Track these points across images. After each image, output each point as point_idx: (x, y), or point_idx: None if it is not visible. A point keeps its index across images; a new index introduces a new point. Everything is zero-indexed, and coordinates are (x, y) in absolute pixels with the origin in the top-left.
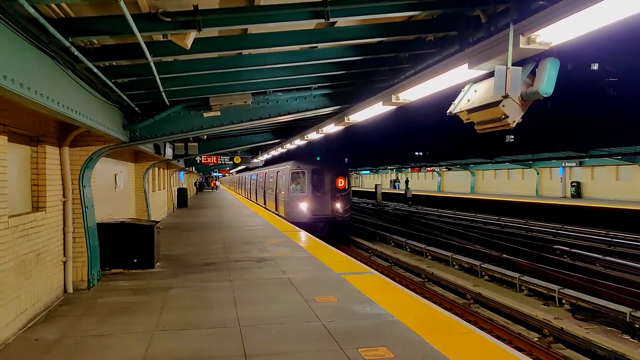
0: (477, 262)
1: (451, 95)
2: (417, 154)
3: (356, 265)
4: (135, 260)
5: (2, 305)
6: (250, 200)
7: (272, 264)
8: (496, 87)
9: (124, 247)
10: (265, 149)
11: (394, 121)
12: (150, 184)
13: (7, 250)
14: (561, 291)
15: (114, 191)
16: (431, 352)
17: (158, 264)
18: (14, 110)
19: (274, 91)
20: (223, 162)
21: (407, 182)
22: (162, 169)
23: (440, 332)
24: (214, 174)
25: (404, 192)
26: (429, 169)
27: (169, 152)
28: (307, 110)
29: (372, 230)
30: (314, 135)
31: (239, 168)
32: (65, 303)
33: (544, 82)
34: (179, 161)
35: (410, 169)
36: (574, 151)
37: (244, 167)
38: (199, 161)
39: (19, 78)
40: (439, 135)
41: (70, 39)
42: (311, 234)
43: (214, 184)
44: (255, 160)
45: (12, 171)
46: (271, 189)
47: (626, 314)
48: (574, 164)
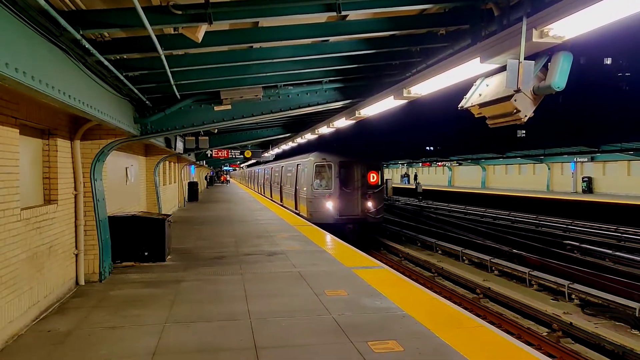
0: (487, 257)
1: (463, 89)
2: (428, 148)
3: (366, 259)
4: (146, 254)
5: (15, 297)
6: (264, 196)
7: (282, 258)
8: (508, 82)
9: (135, 240)
10: (275, 143)
11: (405, 115)
12: (161, 178)
13: (20, 242)
14: (570, 286)
15: (125, 185)
16: (441, 346)
17: (169, 257)
18: (25, 103)
19: (284, 85)
20: (234, 156)
21: (415, 177)
22: (172, 163)
23: (450, 326)
24: (225, 167)
25: (414, 187)
26: (439, 163)
27: (179, 145)
28: (318, 105)
29: (384, 225)
30: (324, 130)
31: (250, 162)
32: (77, 295)
33: (556, 76)
34: (189, 155)
35: (421, 163)
36: (586, 146)
37: (256, 160)
38: (209, 155)
39: (30, 71)
40: (449, 130)
41: (81, 32)
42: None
43: (224, 178)
44: (266, 154)
45: (24, 164)
46: (289, 184)
47: (635, 309)
48: (586, 159)
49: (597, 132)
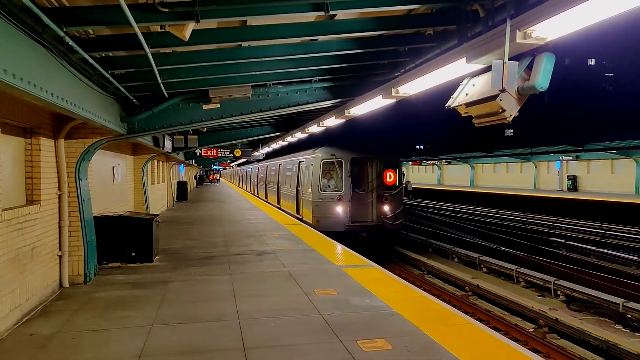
0: (476, 255)
1: (451, 89)
2: (418, 147)
3: (357, 258)
4: (133, 254)
5: None
6: (258, 197)
7: (272, 257)
8: (493, 82)
9: (121, 241)
10: (266, 141)
11: (395, 114)
12: (149, 177)
13: (1, 244)
14: (556, 282)
15: (112, 184)
16: (429, 343)
17: (157, 257)
18: (7, 101)
19: (274, 84)
20: (223, 155)
21: (403, 176)
22: (161, 162)
23: (438, 324)
24: (214, 167)
25: (404, 185)
26: (429, 162)
27: (168, 144)
28: (308, 103)
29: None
30: (315, 129)
31: (241, 160)
32: (61, 297)
33: (539, 76)
34: (178, 154)
35: (411, 162)
36: (571, 145)
37: (246, 159)
38: (198, 154)
39: (12, 69)
40: (439, 129)
41: (64, 29)
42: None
43: (213, 177)
44: (256, 153)
45: (5, 164)
46: (289, 184)
47: (619, 304)
48: (571, 158)
49: (581, 131)
